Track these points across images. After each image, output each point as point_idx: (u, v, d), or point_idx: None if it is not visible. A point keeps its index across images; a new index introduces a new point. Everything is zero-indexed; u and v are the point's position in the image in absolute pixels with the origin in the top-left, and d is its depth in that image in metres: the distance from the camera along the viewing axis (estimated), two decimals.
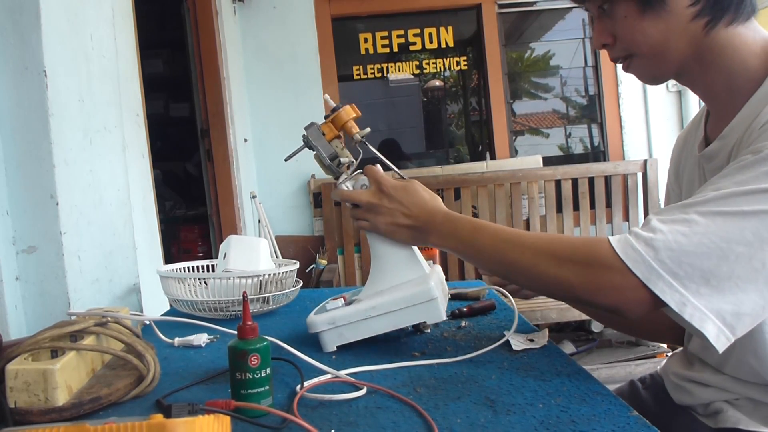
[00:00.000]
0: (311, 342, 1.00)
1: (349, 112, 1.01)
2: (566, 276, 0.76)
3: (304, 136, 1.01)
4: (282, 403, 0.76)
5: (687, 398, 0.93)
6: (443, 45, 3.64)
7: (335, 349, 0.97)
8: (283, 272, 1.32)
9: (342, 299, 1.01)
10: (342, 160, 1.01)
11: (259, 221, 3.18)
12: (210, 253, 3.32)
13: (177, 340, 1.10)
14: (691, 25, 0.78)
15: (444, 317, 0.95)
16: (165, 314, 1.41)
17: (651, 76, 0.86)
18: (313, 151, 1.02)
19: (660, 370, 1.06)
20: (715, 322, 0.69)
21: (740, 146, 0.78)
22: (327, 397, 0.76)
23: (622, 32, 0.83)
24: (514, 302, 1.14)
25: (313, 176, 3.38)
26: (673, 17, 0.78)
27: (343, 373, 0.85)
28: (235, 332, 0.76)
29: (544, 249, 0.79)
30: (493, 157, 3.56)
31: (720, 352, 0.70)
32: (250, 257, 1.39)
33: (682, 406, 0.95)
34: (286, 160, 1.07)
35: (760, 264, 0.67)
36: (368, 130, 1.01)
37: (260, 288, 1.31)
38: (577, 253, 0.76)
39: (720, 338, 0.69)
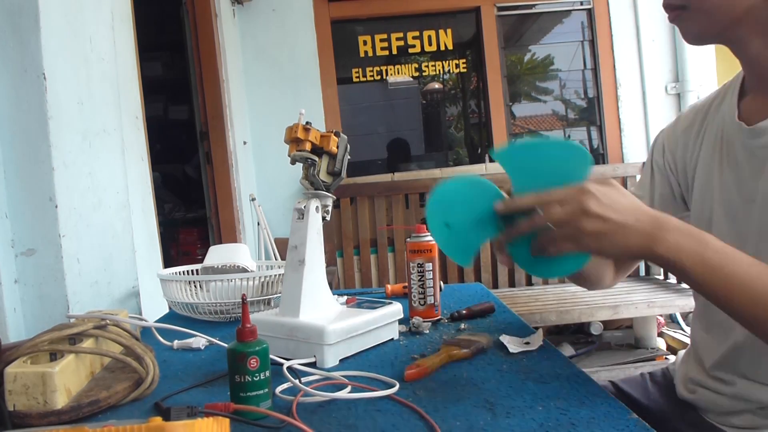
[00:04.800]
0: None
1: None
2: None
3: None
4: (281, 406, 0.76)
5: (701, 402, 0.94)
6: (442, 47, 3.64)
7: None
8: (282, 274, 1.32)
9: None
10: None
11: (258, 224, 3.18)
12: None
13: (176, 343, 1.09)
14: None
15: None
16: (164, 317, 1.41)
17: (696, 32, 0.82)
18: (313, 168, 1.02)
19: (671, 368, 1.08)
20: None
21: None
22: (328, 395, 0.75)
23: None
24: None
25: None
26: None
27: (338, 374, 0.85)
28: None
29: None
30: (492, 160, 3.56)
31: None
32: (228, 254, 1.42)
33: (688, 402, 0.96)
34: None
35: None
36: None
37: (261, 290, 1.31)
38: None
39: None
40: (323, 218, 1.03)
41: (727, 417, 0.89)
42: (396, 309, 1.06)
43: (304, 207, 1.01)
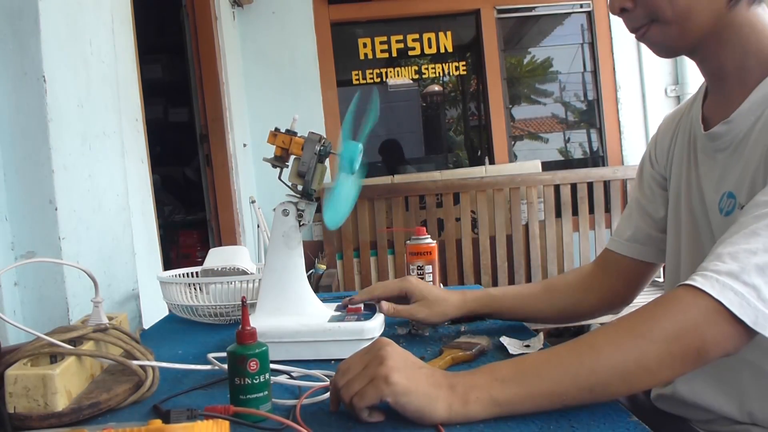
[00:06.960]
0: None
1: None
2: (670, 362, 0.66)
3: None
4: (281, 408, 0.76)
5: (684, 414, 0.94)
6: (442, 50, 3.65)
7: None
8: None
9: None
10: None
11: (258, 226, 3.18)
12: None
13: None
14: None
15: None
16: (164, 319, 1.41)
17: (667, 46, 0.82)
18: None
19: None
20: None
21: (756, 129, 0.77)
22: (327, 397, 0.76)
23: None
24: None
25: None
26: None
27: None
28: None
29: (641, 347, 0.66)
30: (492, 162, 3.56)
31: None
32: (228, 257, 1.42)
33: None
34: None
35: None
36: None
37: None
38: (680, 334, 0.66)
39: None
40: (299, 222, 1.04)
41: (708, 424, 0.89)
42: (370, 326, 1.00)
43: (274, 210, 1.04)
